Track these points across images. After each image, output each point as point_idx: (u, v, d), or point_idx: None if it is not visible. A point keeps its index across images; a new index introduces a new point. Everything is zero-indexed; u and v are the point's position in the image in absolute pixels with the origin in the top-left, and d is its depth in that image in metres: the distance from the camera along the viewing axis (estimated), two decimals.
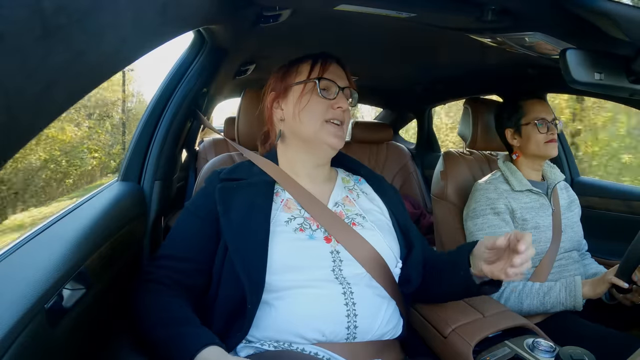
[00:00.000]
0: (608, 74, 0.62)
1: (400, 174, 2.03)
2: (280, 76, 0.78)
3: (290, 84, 0.76)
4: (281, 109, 0.77)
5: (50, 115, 0.30)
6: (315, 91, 0.74)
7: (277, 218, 0.70)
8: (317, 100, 0.73)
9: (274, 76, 0.80)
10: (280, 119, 0.78)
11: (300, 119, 0.73)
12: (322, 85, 0.74)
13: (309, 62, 0.77)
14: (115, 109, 11.72)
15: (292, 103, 0.75)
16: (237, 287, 0.64)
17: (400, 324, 0.73)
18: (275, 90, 0.78)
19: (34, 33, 0.24)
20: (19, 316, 0.43)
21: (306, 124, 0.73)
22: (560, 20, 0.65)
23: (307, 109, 0.73)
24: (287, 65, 0.80)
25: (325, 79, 0.74)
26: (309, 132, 0.74)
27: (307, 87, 0.74)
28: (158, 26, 0.41)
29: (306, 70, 0.76)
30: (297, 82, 0.75)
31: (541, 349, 0.68)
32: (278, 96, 0.78)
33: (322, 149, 0.75)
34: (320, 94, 0.73)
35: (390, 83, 1.92)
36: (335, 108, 0.73)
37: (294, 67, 0.78)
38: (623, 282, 0.88)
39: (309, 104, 0.73)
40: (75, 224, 0.67)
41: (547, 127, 1.08)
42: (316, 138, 0.74)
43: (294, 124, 0.75)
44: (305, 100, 0.73)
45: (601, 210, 1.39)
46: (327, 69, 0.75)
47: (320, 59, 0.76)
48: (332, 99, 0.74)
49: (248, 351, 0.65)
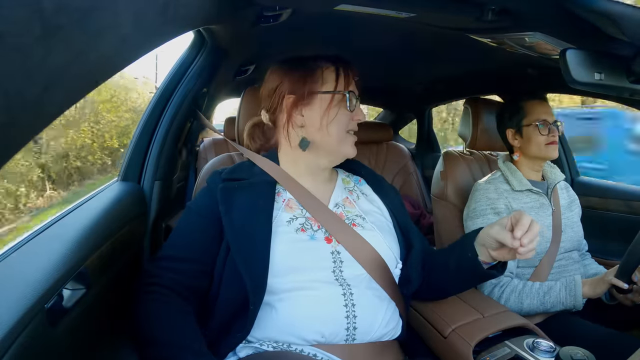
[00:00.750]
0: (608, 74, 0.62)
1: (400, 174, 2.03)
2: (300, 80, 0.73)
3: (315, 91, 0.73)
4: (301, 115, 0.73)
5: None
6: (344, 103, 0.73)
7: (278, 218, 0.70)
8: (345, 113, 0.73)
9: (289, 77, 0.74)
10: (300, 125, 0.74)
11: (329, 132, 0.72)
12: (350, 97, 0.73)
13: (331, 69, 0.74)
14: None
15: (317, 112, 0.72)
16: (238, 288, 0.64)
17: (400, 325, 0.73)
18: (295, 94, 0.73)
19: (34, 33, 0.24)
20: (19, 316, 0.43)
21: (334, 136, 0.73)
22: (560, 20, 0.65)
23: (335, 122, 0.72)
24: (300, 64, 0.75)
25: (351, 92, 0.73)
26: (333, 143, 0.74)
27: (336, 99, 0.73)
28: (158, 26, 0.41)
29: (332, 79, 0.73)
30: (324, 91, 0.73)
31: (541, 349, 0.68)
32: (299, 101, 0.73)
33: (339, 158, 0.76)
34: (348, 108, 0.73)
35: (390, 83, 1.92)
36: (355, 120, 0.74)
37: (316, 72, 0.74)
38: (623, 283, 0.88)
39: (337, 117, 0.72)
40: (75, 224, 0.67)
41: (548, 129, 1.07)
42: (338, 149, 0.74)
43: (320, 134, 0.73)
44: (334, 112, 0.72)
45: (601, 210, 1.39)
46: (352, 79, 0.75)
47: (342, 66, 0.75)
48: (352, 111, 0.74)
49: (247, 351, 0.65)
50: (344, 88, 0.73)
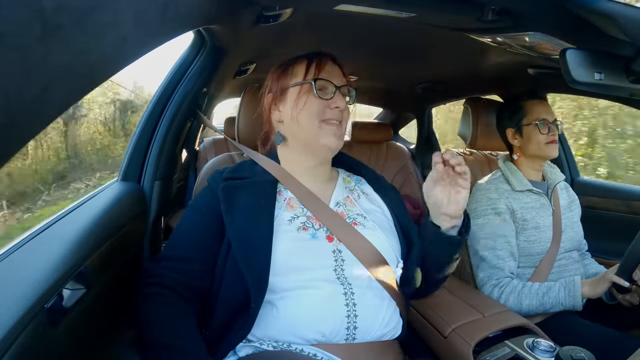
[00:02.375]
0: (608, 74, 0.62)
1: (400, 174, 2.03)
2: (277, 77, 0.77)
3: (286, 85, 0.76)
4: (279, 110, 0.77)
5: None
6: (312, 92, 0.73)
7: (280, 217, 0.70)
8: (313, 102, 0.73)
9: (271, 77, 0.79)
10: (278, 120, 0.78)
11: (299, 122, 0.73)
12: (318, 85, 0.73)
13: (304, 62, 0.76)
14: None
15: (289, 105, 0.75)
16: (240, 286, 0.64)
17: (400, 325, 0.73)
18: (272, 92, 0.77)
19: (34, 33, 0.24)
20: (19, 316, 0.43)
21: (304, 126, 0.73)
22: (560, 20, 0.65)
23: (305, 111, 0.73)
24: (282, 65, 0.79)
25: (321, 79, 0.73)
26: (308, 135, 0.73)
27: (304, 89, 0.73)
28: (158, 26, 0.41)
29: (302, 71, 0.75)
30: (293, 83, 0.75)
31: (541, 349, 0.68)
32: (275, 98, 0.77)
33: (322, 150, 0.75)
34: (317, 95, 0.73)
35: (390, 83, 1.92)
36: (332, 108, 0.73)
37: (289, 68, 0.77)
38: (623, 281, 0.88)
39: (306, 106, 0.73)
40: (75, 224, 0.67)
41: (548, 128, 1.07)
42: (315, 140, 0.73)
43: (293, 126, 0.75)
44: (302, 102, 0.73)
45: (601, 210, 1.39)
46: (323, 68, 0.75)
47: (314, 58, 0.76)
48: (329, 99, 0.73)
49: (247, 350, 0.65)
50: (313, 77, 0.74)
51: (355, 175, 0.86)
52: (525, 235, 1.04)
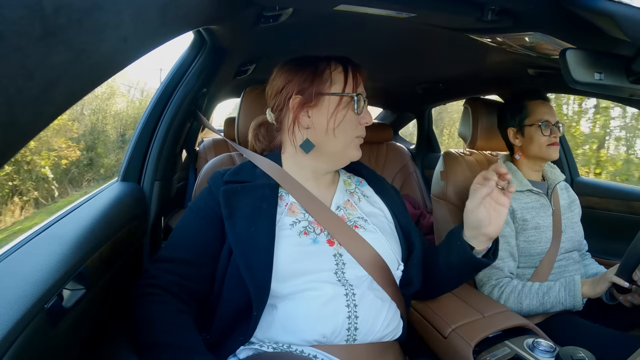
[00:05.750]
0: (608, 74, 0.62)
1: (400, 174, 2.03)
2: (309, 80, 0.71)
3: (322, 92, 0.71)
4: (308, 116, 0.72)
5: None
6: (351, 107, 0.71)
7: (281, 222, 0.69)
8: (351, 117, 0.71)
9: (297, 76, 0.72)
10: (306, 127, 0.73)
11: (335, 135, 0.71)
12: (358, 100, 0.72)
13: (340, 69, 0.72)
14: None
15: (324, 115, 0.71)
16: (241, 291, 0.63)
17: (401, 326, 0.73)
18: (302, 95, 0.71)
19: (34, 33, 0.24)
20: (19, 316, 0.43)
21: (340, 140, 0.72)
22: (560, 20, 0.65)
23: (343, 125, 0.71)
24: (309, 64, 0.73)
25: (359, 94, 0.72)
26: (338, 147, 0.72)
27: (344, 101, 0.71)
28: (158, 26, 0.41)
29: (340, 80, 0.71)
30: (332, 92, 0.71)
31: (541, 349, 0.68)
32: (306, 102, 0.71)
33: (344, 161, 0.76)
34: (355, 111, 0.71)
35: (390, 83, 1.92)
36: (362, 123, 0.73)
37: (325, 73, 0.72)
38: (623, 281, 0.88)
39: (345, 120, 0.71)
40: (75, 224, 0.67)
41: (550, 130, 1.07)
42: (343, 152, 0.73)
43: (326, 138, 0.71)
44: (341, 115, 0.70)
45: (601, 210, 1.39)
46: (360, 82, 0.73)
47: (350, 66, 0.73)
48: (359, 114, 0.72)
49: (247, 352, 0.65)
50: (352, 90, 0.72)
51: (355, 176, 0.85)
52: (525, 236, 1.04)
